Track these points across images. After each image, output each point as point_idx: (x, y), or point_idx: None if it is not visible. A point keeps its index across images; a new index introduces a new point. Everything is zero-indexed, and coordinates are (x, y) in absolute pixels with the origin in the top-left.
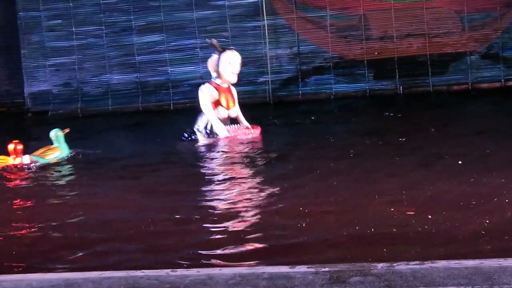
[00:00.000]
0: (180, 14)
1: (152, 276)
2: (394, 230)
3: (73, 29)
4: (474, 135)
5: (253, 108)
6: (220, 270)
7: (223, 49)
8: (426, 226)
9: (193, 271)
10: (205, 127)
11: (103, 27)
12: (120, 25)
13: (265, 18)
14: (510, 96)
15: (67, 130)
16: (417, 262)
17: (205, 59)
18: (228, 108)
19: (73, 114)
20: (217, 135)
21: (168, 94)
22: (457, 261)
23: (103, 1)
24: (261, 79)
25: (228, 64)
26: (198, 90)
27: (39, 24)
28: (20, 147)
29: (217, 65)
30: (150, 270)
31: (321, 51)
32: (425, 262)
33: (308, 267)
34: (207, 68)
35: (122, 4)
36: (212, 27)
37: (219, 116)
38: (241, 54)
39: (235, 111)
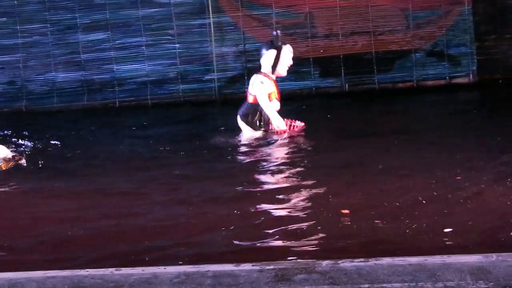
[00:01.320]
0: (125, 12)
1: (96, 275)
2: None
3: (18, 27)
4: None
5: (201, 106)
6: (165, 268)
7: (284, 42)
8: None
9: (138, 270)
10: (258, 119)
11: (48, 25)
12: (65, 23)
13: (211, 16)
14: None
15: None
16: (362, 259)
17: (150, 57)
18: (279, 101)
19: (18, 112)
20: (270, 128)
21: (113, 92)
22: (401, 258)
23: None
24: (207, 77)
25: (288, 58)
26: (253, 79)
27: None
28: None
29: (277, 58)
30: (94, 269)
31: None
32: (370, 259)
33: (253, 265)
34: (152, 66)
35: (66, 2)
36: (157, 25)
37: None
38: (186, 52)
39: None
